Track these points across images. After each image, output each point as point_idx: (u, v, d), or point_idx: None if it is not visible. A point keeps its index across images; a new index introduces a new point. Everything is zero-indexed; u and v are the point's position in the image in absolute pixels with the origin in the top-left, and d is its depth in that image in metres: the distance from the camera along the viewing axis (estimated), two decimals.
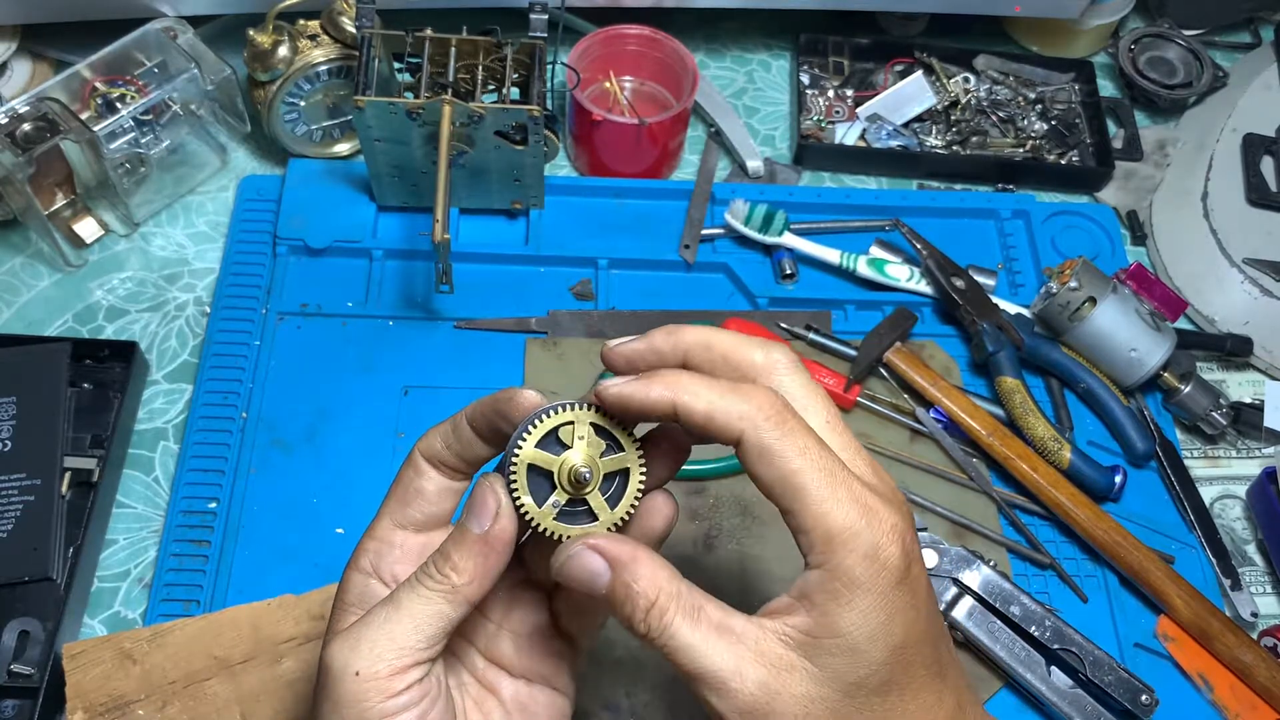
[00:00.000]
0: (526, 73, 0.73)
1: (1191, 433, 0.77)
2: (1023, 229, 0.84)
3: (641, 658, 0.63)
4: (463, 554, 0.38)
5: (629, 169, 0.83)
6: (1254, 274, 0.80)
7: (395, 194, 0.78)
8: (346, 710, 0.37)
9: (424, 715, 0.38)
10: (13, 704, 0.59)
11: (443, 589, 0.38)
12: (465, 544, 0.38)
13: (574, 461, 0.38)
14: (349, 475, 0.69)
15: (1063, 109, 0.91)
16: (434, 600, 0.38)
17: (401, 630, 0.38)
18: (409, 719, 0.38)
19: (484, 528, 0.38)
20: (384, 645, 0.37)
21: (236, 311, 0.74)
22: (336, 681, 0.37)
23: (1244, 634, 0.65)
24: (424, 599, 0.38)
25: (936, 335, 0.77)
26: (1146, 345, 0.72)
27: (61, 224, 0.77)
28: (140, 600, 0.65)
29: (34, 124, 0.70)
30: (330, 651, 0.38)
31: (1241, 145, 0.86)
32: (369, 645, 0.37)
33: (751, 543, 0.67)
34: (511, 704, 0.43)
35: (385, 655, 0.37)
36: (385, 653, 0.37)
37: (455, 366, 0.73)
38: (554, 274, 0.78)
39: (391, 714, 0.37)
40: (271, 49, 0.74)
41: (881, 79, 0.92)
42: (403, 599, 0.38)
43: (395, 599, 0.38)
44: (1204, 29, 0.98)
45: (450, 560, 0.38)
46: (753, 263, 0.80)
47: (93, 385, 0.70)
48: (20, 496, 0.64)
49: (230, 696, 0.59)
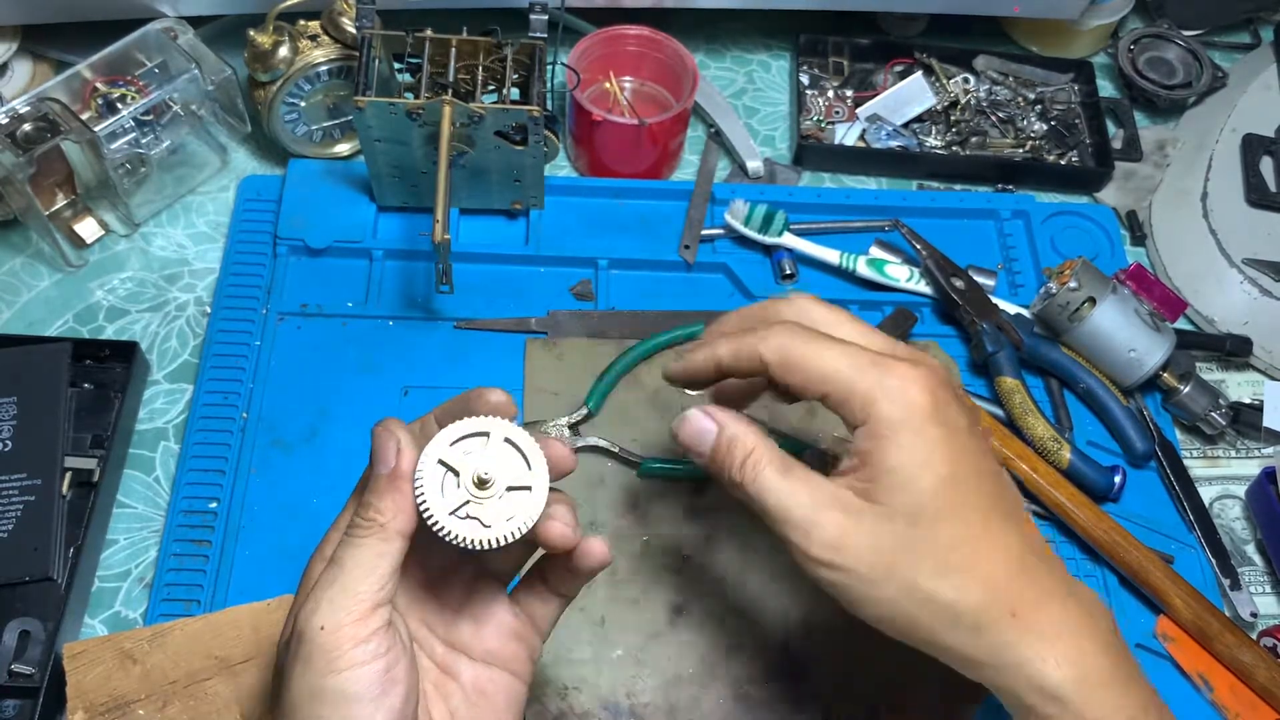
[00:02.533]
0: (526, 73, 0.73)
1: (1191, 433, 0.77)
2: (1022, 229, 0.84)
3: (641, 658, 0.63)
4: (379, 495, 0.41)
5: (629, 169, 0.83)
6: (1253, 274, 0.80)
7: (395, 194, 0.78)
8: (318, 663, 0.39)
9: (392, 666, 0.39)
10: (13, 704, 0.59)
11: (373, 531, 0.41)
12: (379, 486, 0.41)
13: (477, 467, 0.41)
14: (349, 475, 0.67)
15: (1062, 109, 0.91)
16: (370, 544, 0.40)
17: (352, 579, 0.40)
18: (379, 667, 0.39)
19: (389, 465, 0.41)
20: (340, 598, 0.39)
21: (237, 312, 0.74)
22: (304, 642, 0.39)
23: (1243, 634, 0.65)
24: (360, 546, 0.40)
25: (936, 335, 0.77)
26: (1146, 345, 0.72)
27: (62, 224, 0.77)
28: (141, 600, 0.65)
29: (34, 124, 0.70)
30: (294, 620, 0.40)
31: (1241, 145, 0.86)
32: (326, 602, 0.39)
33: (751, 543, 0.67)
34: (470, 687, 0.45)
35: (343, 604, 0.39)
36: (343, 602, 0.39)
37: (455, 366, 0.73)
38: (554, 274, 0.78)
39: (361, 661, 0.39)
40: (272, 49, 0.74)
41: (881, 79, 0.92)
42: (342, 555, 0.41)
43: (336, 558, 0.41)
44: (1203, 29, 0.98)
45: (371, 506, 0.41)
46: (753, 263, 0.80)
47: (93, 385, 0.70)
48: (21, 496, 0.64)
49: (231, 696, 0.59)
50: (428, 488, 0.41)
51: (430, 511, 0.41)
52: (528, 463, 0.42)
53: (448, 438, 0.41)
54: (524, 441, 0.42)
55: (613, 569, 0.65)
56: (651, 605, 0.65)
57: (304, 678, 0.39)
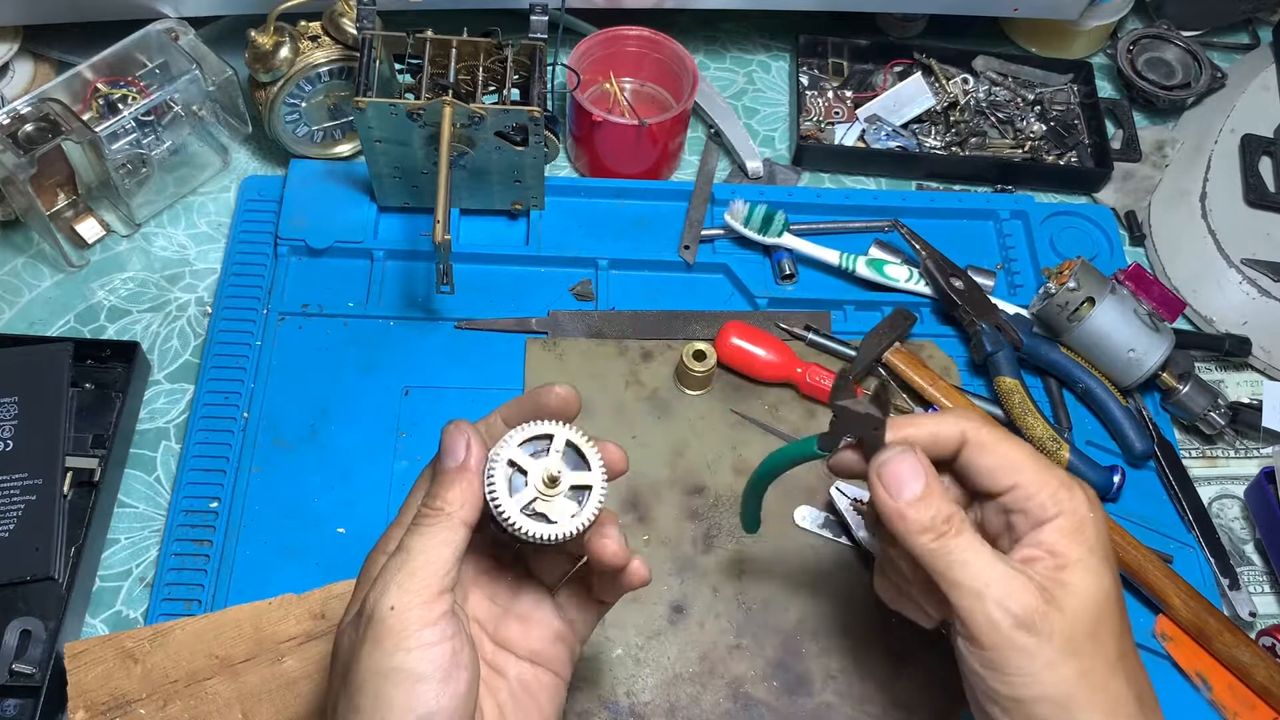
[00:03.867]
0: (527, 74, 0.73)
1: (1190, 432, 0.77)
2: (1021, 230, 0.84)
3: (641, 657, 0.63)
4: (446, 486, 0.43)
5: (629, 170, 0.83)
6: (1252, 274, 0.80)
7: (396, 195, 0.78)
8: (387, 643, 0.40)
9: (458, 651, 0.41)
10: (14, 703, 0.59)
11: (440, 520, 0.42)
12: (446, 479, 0.43)
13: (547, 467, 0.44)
14: (350, 475, 0.69)
15: (1061, 110, 0.91)
16: (436, 532, 0.42)
17: (419, 564, 0.41)
18: (446, 650, 0.40)
19: (459, 459, 0.43)
20: (408, 581, 0.41)
21: (238, 312, 0.74)
22: (374, 623, 0.40)
23: (1242, 633, 0.65)
24: (427, 534, 0.42)
25: (935, 336, 0.78)
26: (1145, 345, 0.72)
27: (63, 224, 0.77)
28: (142, 599, 0.65)
29: (36, 125, 0.70)
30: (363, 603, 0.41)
31: (1239, 146, 0.86)
32: (395, 585, 0.41)
33: (751, 543, 0.67)
34: (516, 684, 0.47)
35: (411, 587, 0.41)
36: (411, 585, 0.41)
37: (456, 366, 0.74)
38: (554, 274, 0.78)
39: (430, 643, 0.40)
40: (273, 50, 0.75)
41: (881, 80, 0.92)
42: (410, 543, 0.42)
43: (404, 545, 0.42)
44: (1202, 30, 0.98)
45: (439, 497, 0.43)
46: (752, 263, 0.80)
47: (94, 385, 0.71)
48: (22, 496, 0.64)
49: (231, 696, 0.59)
50: (499, 484, 0.43)
51: (501, 506, 0.43)
52: (587, 464, 0.44)
53: (517, 439, 0.44)
54: (584, 445, 0.44)
55: None
56: (651, 605, 0.65)
57: (372, 656, 0.40)
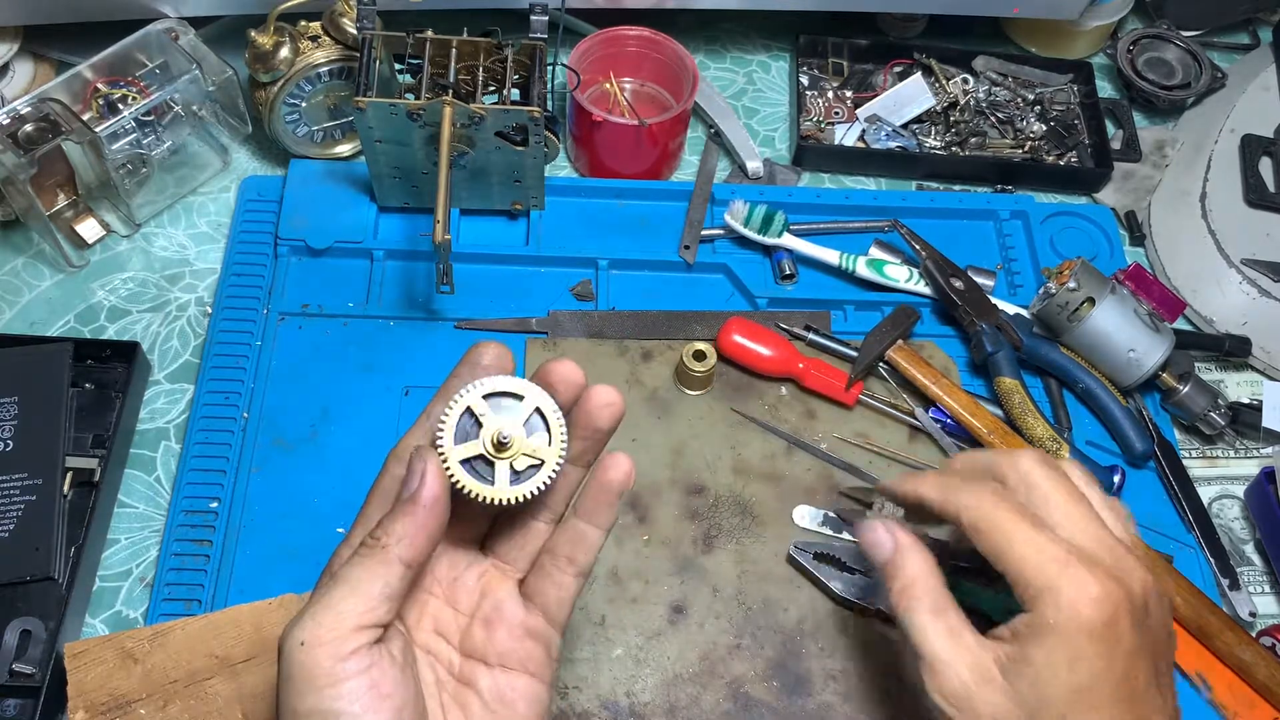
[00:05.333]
0: (527, 74, 0.73)
1: (1190, 433, 0.77)
2: (1021, 230, 0.84)
3: (641, 657, 0.63)
4: (391, 518, 0.40)
5: (629, 170, 0.83)
6: (1252, 274, 0.80)
7: (396, 195, 0.78)
8: (298, 680, 0.38)
9: (376, 684, 0.38)
10: (14, 703, 0.59)
11: (374, 553, 0.40)
12: (394, 510, 0.40)
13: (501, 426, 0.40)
14: (350, 475, 0.69)
15: (1061, 110, 0.91)
16: (367, 565, 0.39)
17: (339, 596, 0.39)
18: (360, 685, 0.38)
19: (410, 491, 0.40)
20: (323, 614, 0.39)
21: (238, 312, 0.74)
22: (287, 657, 0.38)
23: (1243, 632, 0.65)
24: (358, 566, 0.40)
25: (935, 336, 0.78)
26: (1145, 345, 0.72)
27: (63, 224, 0.77)
28: (142, 600, 0.65)
29: (36, 125, 0.70)
30: (282, 634, 0.39)
31: (1240, 146, 0.86)
32: (311, 617, 0.39)
33: (751, 543, 0.67)
34: (489, 695, 0.44)
35: (325, 621, 0.38)
36: (326, 620, 0.38)
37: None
38: (554, 274, 0.78)
39: (342, 678, 0.38)
40: (273, 50, 0.75)
41: (881, 80, 0.92)
42: (340, 571, 0.40)
43: (335, 573, 0.40)
44: (1202, 30, 0.98)
45: (382, 526, 0.40)
46: (752, 263, 0.80)
47: (94, 385, 0.71)
48: (22, 496, 0.64)
49: (231, 696, 0.59)
50: (448, 430, 0.40)
51: (443, 453, 0.41)
52: (549, 438, 0.41)
53: (484, 389, 0.41)
54: (552, 416, 0.41)
55: (613, 569, 0.66)
56: (651, 605, 0.65)
57: (286, 693, 0.38)
